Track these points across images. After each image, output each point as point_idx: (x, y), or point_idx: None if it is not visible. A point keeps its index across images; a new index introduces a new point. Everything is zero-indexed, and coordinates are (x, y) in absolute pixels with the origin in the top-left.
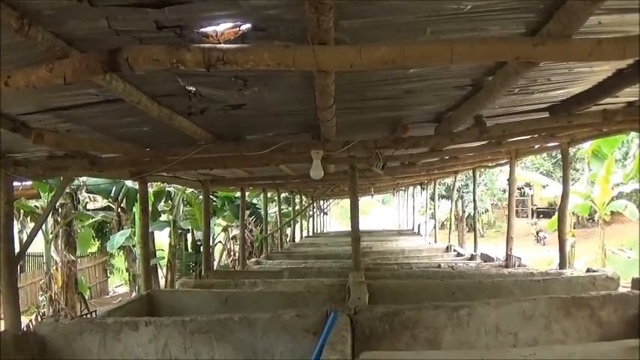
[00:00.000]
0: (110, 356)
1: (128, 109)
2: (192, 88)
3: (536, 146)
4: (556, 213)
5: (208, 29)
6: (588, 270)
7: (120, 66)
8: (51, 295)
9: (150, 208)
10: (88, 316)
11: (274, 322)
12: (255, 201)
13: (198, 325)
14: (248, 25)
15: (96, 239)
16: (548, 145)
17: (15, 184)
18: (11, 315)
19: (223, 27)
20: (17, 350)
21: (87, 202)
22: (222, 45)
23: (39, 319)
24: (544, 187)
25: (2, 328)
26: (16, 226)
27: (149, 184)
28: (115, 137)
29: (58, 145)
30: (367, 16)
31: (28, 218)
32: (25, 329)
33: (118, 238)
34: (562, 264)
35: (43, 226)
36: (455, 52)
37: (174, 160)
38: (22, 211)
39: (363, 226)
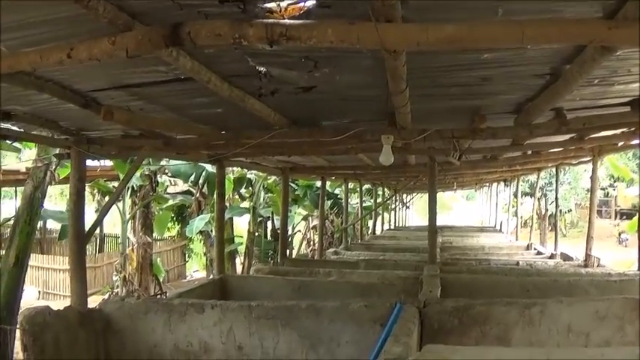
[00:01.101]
0: (174, 337)
1: (199, 89)
2: (263, 69)
3: (620, 143)
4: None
5: (272, 4)
6: None
7: (182, 40)
8: (125, 276)
9: (230, 194)
10: (160, 297)
11: (341, 311)
12: (337, 191)
13: (265, 310)
14: (313, 1)
15: (175, 223)
16: (632, 142)
17: (94, 164)
18: (78, 292)
19: (287, 2)
20: (81, 326)
21: (167, 186)
22: (286, 20)
23: (111, 297)
24: (628, 186)
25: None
26: (94, 206)
27: (231, 169)
28: (188, 118)
29: (129, 123)
30: None
31: (106, 199)
32: (91, 307)
33: (197, 223)
34: None
35: (121, 207)
36: (525, 33)
37: (249, 144)
38: (100, 191)
39: (445, 221)
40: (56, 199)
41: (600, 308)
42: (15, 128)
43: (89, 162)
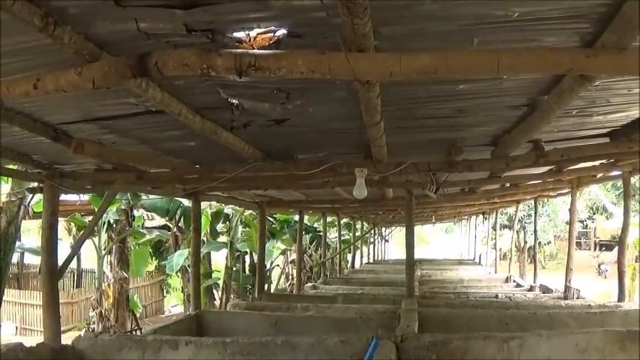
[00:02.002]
0: None
1: (171, 121)
2: (235, 101)
3: (598, 175)
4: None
5: (241, 34)
6: None
7: (149, 71)
8: (101, 311)
9: (208, 229)
10: (136, 332)
11: (317, 347)
12: (316, 225)
13: (240, 346)
14: (283, 31)
15: (153, 258)
16: (610, 174)
17: (73, 198)
18: (52, 328)
19: (257, 32)
20: None
21: (145, 220)
22: (255, 50)
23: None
24: (607, 218)
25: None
26: (70, 241)
27: (207, 204)
28: (160, 151)
29: (100, 156)
30: (409, 23)
31: (81, 233)
32: (64, 344)
33: (177, 259)
34: (621, 296)
35: (97, 242)
36: (501, 62)
37: (223, 177)
38: (77, 226)
39: (424, 254)
40: (37, 232)
41: (580, 341)
42: None
43: (68, 196)
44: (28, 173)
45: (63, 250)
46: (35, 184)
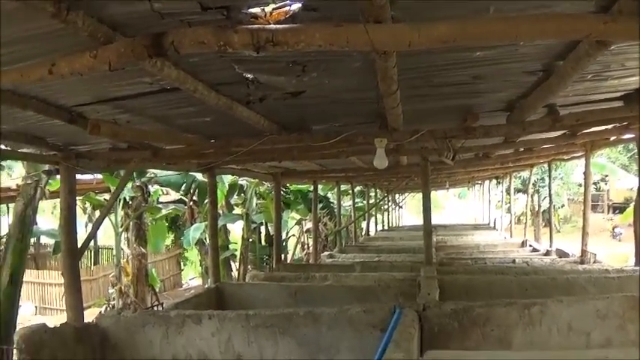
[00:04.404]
0: (172, 349)
1: (186, 98)
2: (250, 75)
3: (612, 138)
4: (630, 206)
5: (256, 10)
6: None
7: (166, 50)
8: (120, 288)
9: (223, 202)
10: (156, 308)
11: (340, 317)
12: (329, 195)
13: (262, 319)
14: (298, 4)
15: (169, 232)
16: (624, 137)
17: (87, 177)
18: (74, 306)
19: (272, 7)
20: (77, 342)
21: (160, 195)
22: (271, 25)
23: (108, 311)
24: (619, 180)
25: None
26: (85, 220)
27: (222, 176)
28: (176, 128)
29: (116, 136)
30: None
31: (97, 212)
32: (87, 322)
33: (193, 233)
34: (638, 261)
35: (114, 219)
36: (520, 29)
37: (239, 152)
38: (92, 205)
39: (438, 220)
40: (52, 213)
41: (600, 307)
42: (2, 147)
43: (83, 176)
44: (44, 156)
45: (79, 230)
46: (51, 167)
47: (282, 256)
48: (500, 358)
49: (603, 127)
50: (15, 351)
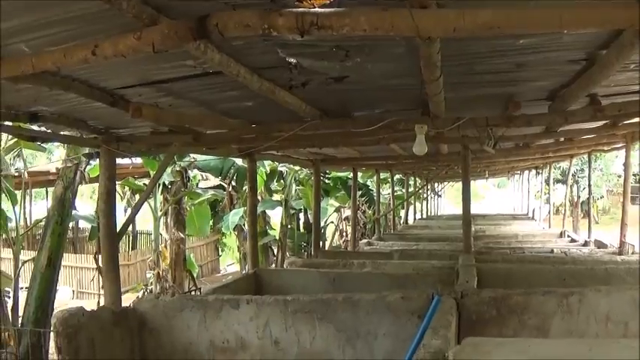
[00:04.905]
0: (210, 334)
1: (228, 82)
2: (293, 60)
3: None
4: None
5: None
6: None
7: (210, 32)
8: (158, 273)
9: (262, 188)
10: (194, 293)
11: (378, 303)
12: (368, 182)
13: (301, 304)
14: None
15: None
16: None
17: (126, 161)
18: (112, 291)
19: None
20: (115, 326)
21: (199, 180)
22: (316, 9)
23: (146, 295)
24: None
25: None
26: (124, 205)
27: (263, 163)
28: (217, 112)
29: (158, 119)
30: None
31: (136, 196)
32: (125, 306)
33: (232, 218)
34: None
35: (152, 204)
36: (563, 18)
37: (280, 137)
38: (131, 189)
39: (477, 209)
40: (91, 198)
41: (638, 297)
42: (43, 129)
43: (121, 160)
44: (85, 139)
45: (117, 214)
46: (91, 150)
47: (321, 243)
48: (536, 345)
49: None
50: (52, 334)
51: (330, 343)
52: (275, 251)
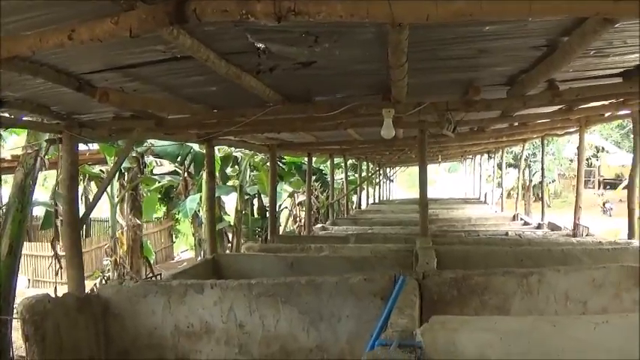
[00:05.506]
0: (174, 318)
1: (195, 67)
2: (262, 45)
3: (607, 114)
4: (621, 183)
5: None
6: None
7: (188, 17)
8: (116, 259)
9: (217, 173)
10: (153, 279)
11: (341, 286)
12: (322, 167)
13: (264, 288)
14: None
15: (162, 204)
16: (619, 113)
17: (82, 148)
18: (75, 278)
19: None
20: (80, 312)
21: (154, 167)
22: None
23: (104, 282)
24: (610, 155)
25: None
26: (80, 191)
27: (217, 148)
28: (182, 97)
29: (124, 104)
30: None
31: (92, 183)
32: (89, 292)
33: (189, 204)
34: (630, 234)
35: (109, 190)
36: (533, 6)
37: (242, 122)
38: (86, 175)
39: (429, 194)
40: (43, 185)
41: (597, 276)
42: (6, 115)
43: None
44: (48, 124)
45: None
46: (53, 136)
47: None
48: (501, 322)
49: (600, 103)
50: (15, 321)
51: (295, 325)
52: (230, 237)
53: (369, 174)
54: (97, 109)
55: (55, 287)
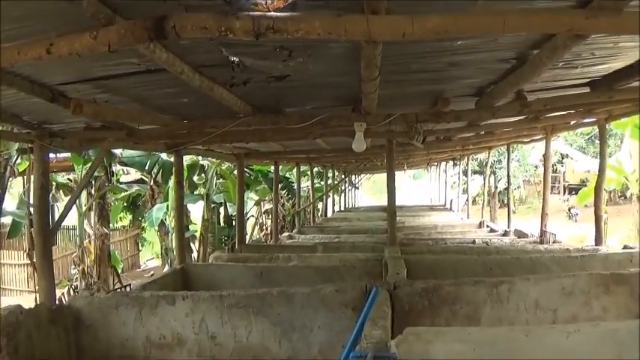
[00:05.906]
0: (146, 330)
1: (168, 79)
2: (236, 59)
3: (573, 122)
4: (585, 187)
5: None
6: (625, 247)
7: (167, 34)
8: (84, 269)
9: (184, 182)
10: (123, 289)
11: (313, 296)
12: (287, 175)
13: (236, 299)
14: None
15: (128, 212)
16: (585, 121)
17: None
18: (46, 288)
19: None
20: (52, 323)
21: (121, 175)
22: (273, 13)
23: (71, 292)
24: (576, 161)
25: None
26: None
27: (184, 156)
28: (153, 108)
29: (97, 115)
30: None
31: (61, 191)
32: (58, 302)
33: (156, 213)
34: (598, 240)
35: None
36: (507, 23)
37: (212, 133)
38: (53, 184)
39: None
40: (9, 192)
41: (566, 284)
42: None
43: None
44: (18, 134)
45: None
46: (23, 145)
47: None
48: (475, 333)
49: (566, 112)
50: None
51: (267, 337)
52: (197, 246)
53: (335, 182)
54: (68, 119)
55: (36, 297)
